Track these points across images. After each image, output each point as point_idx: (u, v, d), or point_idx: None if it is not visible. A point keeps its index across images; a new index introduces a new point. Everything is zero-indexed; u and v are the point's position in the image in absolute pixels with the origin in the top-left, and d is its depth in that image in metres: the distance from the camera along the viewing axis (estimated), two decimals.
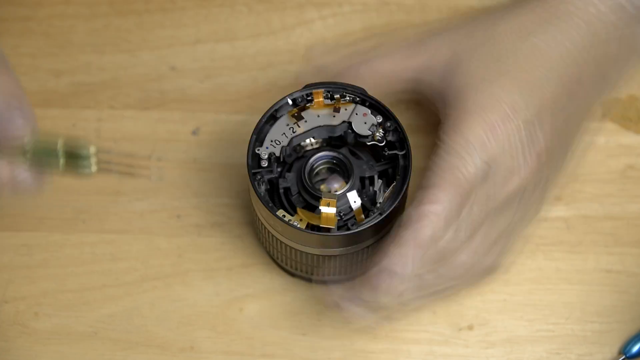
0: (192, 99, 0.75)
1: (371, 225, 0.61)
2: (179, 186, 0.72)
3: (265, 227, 0.64)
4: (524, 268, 0.70)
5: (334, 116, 0.64)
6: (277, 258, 0.67)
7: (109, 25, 0.77)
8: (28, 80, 0.75)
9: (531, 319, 0.69)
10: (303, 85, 0.64)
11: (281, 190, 0.64)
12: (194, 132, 0.74)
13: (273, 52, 0.76)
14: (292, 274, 0.69)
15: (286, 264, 0.67)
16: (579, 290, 0.70)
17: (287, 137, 0.63)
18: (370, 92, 0.63)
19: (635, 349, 0.68)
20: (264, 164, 0.63)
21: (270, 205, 0.62)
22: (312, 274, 0.67)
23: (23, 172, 0.57)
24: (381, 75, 0.64)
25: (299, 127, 0.64)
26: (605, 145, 0.73)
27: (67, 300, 0.69)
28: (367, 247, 0.64)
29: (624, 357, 0.68)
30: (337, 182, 0.64)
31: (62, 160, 0.57)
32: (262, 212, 0.63)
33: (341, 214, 0.62)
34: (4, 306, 0.69)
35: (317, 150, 0.64)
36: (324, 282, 0.69)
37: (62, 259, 0.70)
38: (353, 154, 0.65)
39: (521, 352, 0.68)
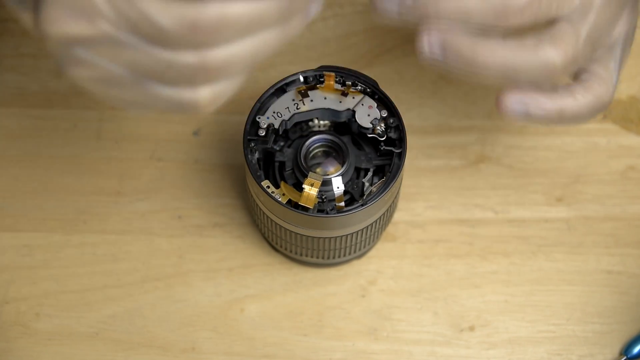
0: None
1: (349, 215, 0.62)
2: (180, 187, 0.72)
3: (252, 196, 0.65)
4: (524, 269, 0.70)
5: (340, 102, 0.64)
6: (262, 230, 0.68)
7: None
8: (29, 81, 0.75)
9: (532, 319, 0.69)
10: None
11: (276, 163, 0.64)
12: (195, 133, 0.74)
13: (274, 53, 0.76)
14: (276, 250, 0.70)
15: (268, 237, 0.68)
16: (579, 291, 0.70)
17: (289, 112, 0.64)
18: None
19: (636, 350, 0.68)
20: (262, 132, 0.63)
21: (257, 173, 0.62)
22: (290, 251, 0.67)
23: None
24: None
25: (304, 104, 0.64)
26: (606, 146, 0.73)
27: (68, 301, 0.69)
28: (345, 235, 0.64)
29: (624, 358, 0.68)
30: (332, 165, 0.64)
31: None
32: (250, 180, 0.64)
33: (324, 198, 0.63)
34: (5, 307, 0.69)
35: (320, 132, 0.65)
36: (302, 262, 0.69)
37: (63, 259, 0.70)
38: (356, 143, 0.65)
39: (522, 353, 0.68)
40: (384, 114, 0.64)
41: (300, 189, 0.62)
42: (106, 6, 0.47)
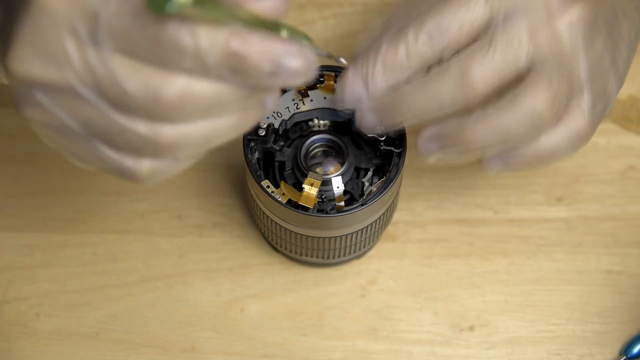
0: None
1: (349, 214, 0.62)
2: (180, 186, 0.72)
3: (252, 196, 0.65)
4: (524, 269, 0.70)
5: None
6: (261, 230, 0.68)
7: None
8: None
9: (532, 319, 0.69)
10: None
11: (276, 163, 0.64)
12: None
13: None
14: (276, 249, 0.70)
15: (268, 237, 0.68)
16: (579, 291, 0.70)
17: (289, 112, 0.64)
18: None
19: (635, 349, 0.68)
20: (262, 132, 0.63)
21: (257, 173, 0.63)
22: (290, 251, 0.67)
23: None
24: None
25: (304, 104, 0.64)
26: (606, 146, 0.73)
27: (68, 301, 0.69)
28: (345, 235, 0.64)
29: (624, 357, 0.68)
30: (332, 165, 0.64)
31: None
32: (250, 179, 0.64)
33: (324, 197, 0.63)
34: (5, 306, 0.69)
35: (320, 132, 0.65)
36: (302, 262, 0.69)
37: (63, 259, 0.70)
38: (356, 143, 0.65)
39: (522, 352, 0.68)
40: None
41: (300, 189, 0.62)
42: (77, 57, 0.47)
